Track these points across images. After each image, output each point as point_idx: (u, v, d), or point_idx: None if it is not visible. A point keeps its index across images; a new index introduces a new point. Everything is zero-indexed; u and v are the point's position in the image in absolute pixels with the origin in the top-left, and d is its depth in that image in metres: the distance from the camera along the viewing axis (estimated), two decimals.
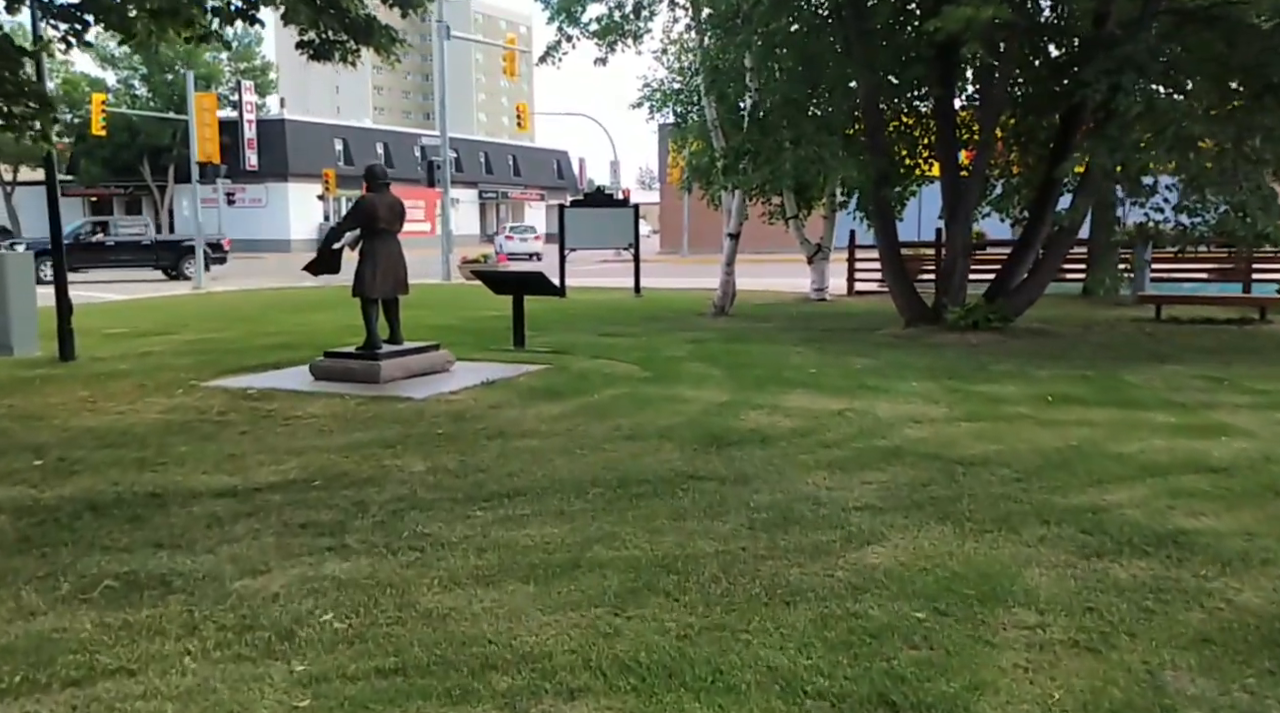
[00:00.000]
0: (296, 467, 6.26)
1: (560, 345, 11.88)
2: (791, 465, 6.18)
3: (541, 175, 75.68)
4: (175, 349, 12.23)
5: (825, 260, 19.91)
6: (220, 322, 16.13)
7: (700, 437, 6.94)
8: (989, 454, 6.37)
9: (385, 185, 9.55)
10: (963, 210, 12.62)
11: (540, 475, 5.99)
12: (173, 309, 19.77)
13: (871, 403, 8.08)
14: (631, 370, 10.00)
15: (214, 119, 25.23)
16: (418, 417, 7.70)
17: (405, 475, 6.04)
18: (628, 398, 8.39)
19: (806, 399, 8.31)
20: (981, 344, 11.73)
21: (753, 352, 11.26)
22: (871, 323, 14.72)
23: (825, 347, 11.70)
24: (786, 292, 22.30)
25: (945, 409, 7.83)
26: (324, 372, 9.31)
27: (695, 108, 19.14)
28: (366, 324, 9.41)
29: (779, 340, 12.49)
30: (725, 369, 9.98)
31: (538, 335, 12.86)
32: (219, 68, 53.45)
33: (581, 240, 21.06)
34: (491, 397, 8.51)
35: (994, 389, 8.71)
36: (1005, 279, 13.11)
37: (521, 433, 7.12)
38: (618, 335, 13.18)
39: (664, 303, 19.58)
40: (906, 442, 6.73)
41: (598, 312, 17.15)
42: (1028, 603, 4.03)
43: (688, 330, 13.93)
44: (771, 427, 7.26)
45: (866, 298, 20.82)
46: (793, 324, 14.91)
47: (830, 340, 12.40)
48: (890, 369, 9.91)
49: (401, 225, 9.67)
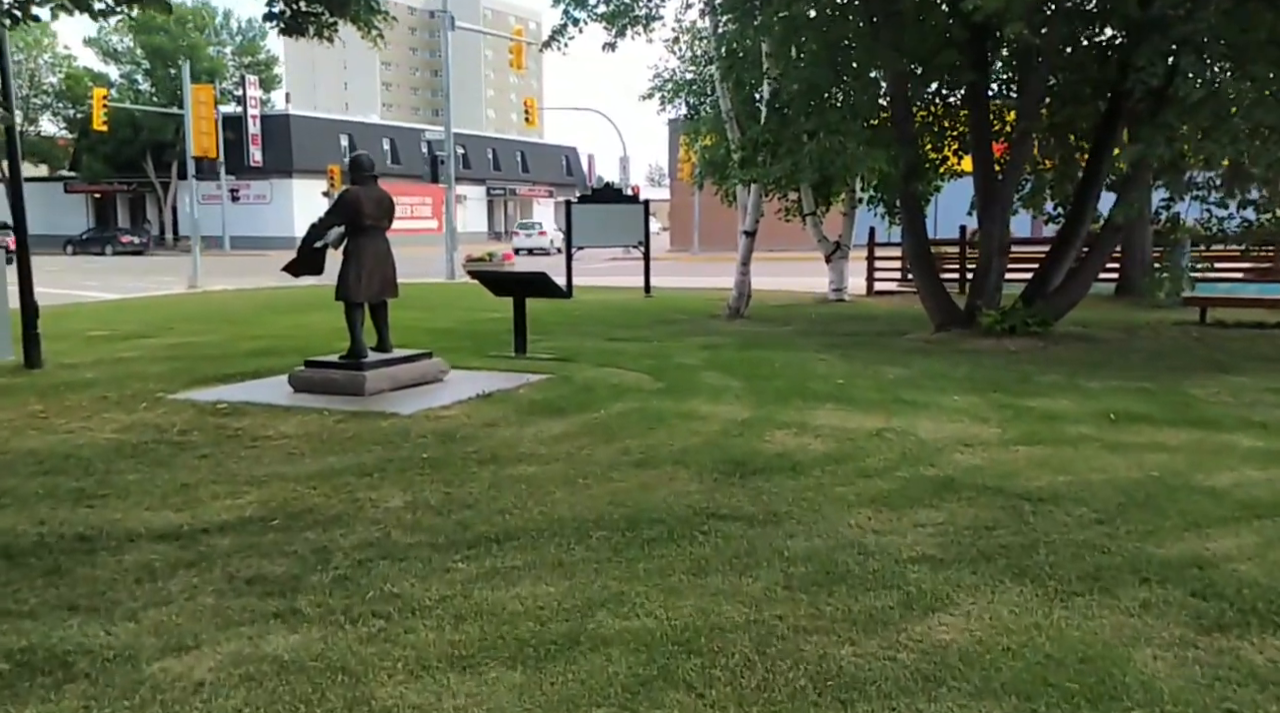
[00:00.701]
0: (256, 501, 5.41)
1: (565, 352, 11.03)
2: (829, 501, 5.31)
3: (550, 172, 74.84)
4: (153, 354, 11.41)
5: (844, 259, 19.02)
6: (208, 323, 15.32)
7: (720, 463, 6.08)
8: (1058, 487, 5.49)
9: (372, 178, 8.70)
10: (998, 206, 11.71)
11: (536, 513, 5.14)
12: (164, 309, 18.98)
13: (912, 421, 7.20)
14: (641, 381, 9.14)
15: (211, 113, 24.47)
16: (402, 437, 6.85)
17: (379, 513, 5.19)
18: (637, 414, 7.53)
19: (838, 416, 7.43)
20: (1021, 351, 10.83)
21: (773, 359, 10.39)
22: (898, 326, 13.82)
23: (851, 354, 10.81)
24: (803, 291, 21.41)
25: (997, 429, 6.94)
26: (304, 383, 8.47)
27: (709, 99, 18.26)
28: (351, 331, 8.56)
29: (800, 346, 11.61)
30: (744, 380, 9.11)
31: (541, 340, 12.01)
32: (222, 62, 52.74)
33: (589, 238, 20.19)
34: (486, 412, 7.66)
35: (1046, 404, 7.81)
36: (1043, 280, 12.21)
37: (517, 457, 6.27)
38: (626, 340, 12.32)
39: (675, 304, 18.71)
40: (959, 470, 5.85)
41: (606, 313, 16.29)
42: (1148, 703, 3.16)
43: (701, 335, 13.06)
44: (801, 450, 6.38)
45: (887, 298, 19.94)
46: (813, 327, 14.02)
47: (856, 346, 11.51)
48: (927, 380, 9.02)
49: (390, 222, 8.83)
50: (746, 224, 15.55)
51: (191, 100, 24.29)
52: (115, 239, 50.90)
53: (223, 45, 54.00)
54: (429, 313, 16.62)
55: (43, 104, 54.28)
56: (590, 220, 19.99)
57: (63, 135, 56.53)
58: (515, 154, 72.78)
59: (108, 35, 50.63)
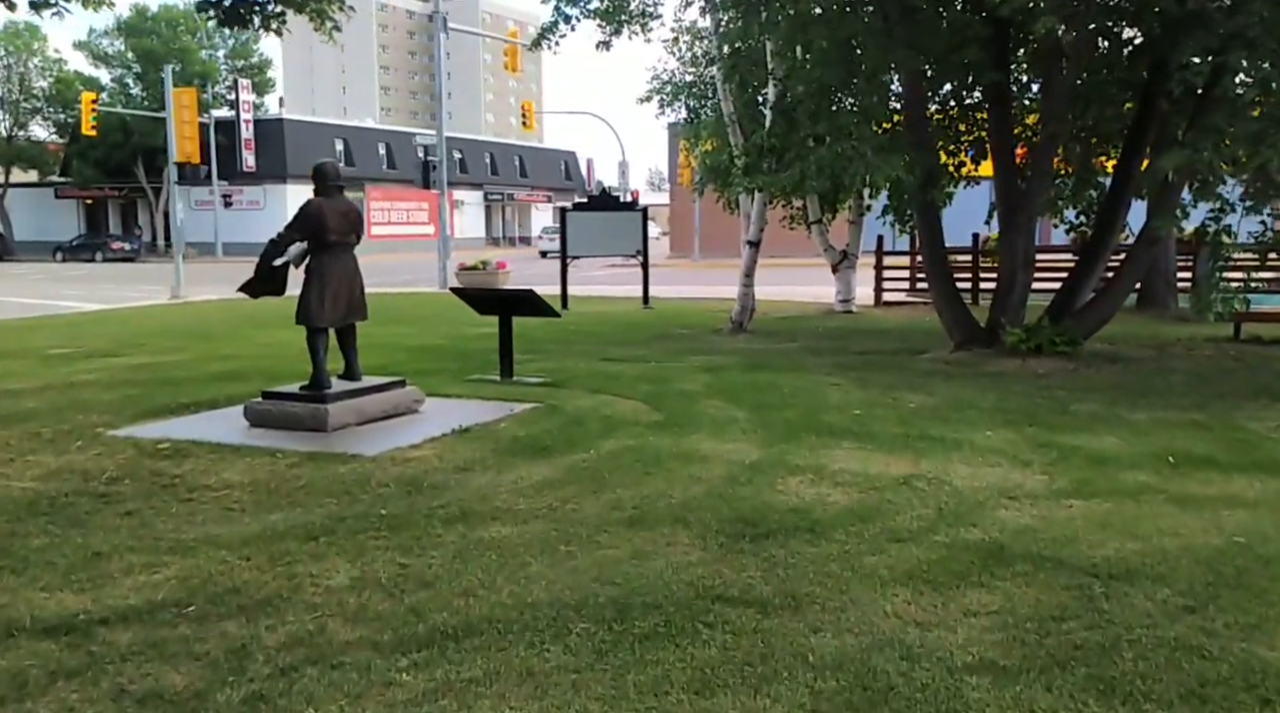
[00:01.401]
0: (175, 577, 4.54)
1: (555, 374, 10.17)
2: (858, 576, 4.44)
3: (549, 176, 74.04)
4: (111, 377, 10.55)
5: (851, 269, 18.17)
6: (181, 339, 14.46)
7: (727, 521, 5.22)
8: (1129, 559, 4.62)
9: (338, 188, 7.84)
10: (1024, 215, 10.85)
11: (506, 595, 4.27)
12: (140, 322, 18.16)
13: (943, 464, 6.34)
14: (638, 411, 8.28)
15: (194, 117, 23.64)
16: (361, 486, 5.99)
17: (319, 594, 4.33)
18: (632, 455, 6.66)
19: (858, 458, 6.57)
20: (1050, 374, 9.97)
21: (781, 384, 9.52)
22: (912, 342, 12.96)
23: (866, 377, 9.95)
24: (808, 302, 20.57)
25: (1042, 476, 6.07)
26: (261, 417, 7.61)
27: (709, 101, 17.42)
28: (313, 358, 7.69)
29: (809, 367, 10.74)
30: (750, 410, 8.24)
31: (531, 360, 11.16)
32: (215, 65, 51.91)
33: (585, 247, 19.34)
34: (461, 453, 6.79)
35: (1091, 443, 6.95)
36: (1070, 295, 11.35)
37: (491, 513, 5.40)
38: (622, 360, 11.46)
39: (675, 316, 17.86)
40: (1008, 534, 4.99)
41: (601, 328, 15.44)
42: None
43: (702, 353, 12.20)
44: (819, 504, 5.52)
45: (896, 310, 19.09)
46: (821, 344, 13.16)
47: (870, 367, 10.64)
48: (953, 410, 8.15)
49: (358, 237, 7.97)
50: (750, 234, 14.70)
51: (174, 104, 23.44)
52: (106, 246, 50.11)
53: (215, 48, 53.17)
54: (417, 328, 15.78)
55: (33, 108, 53.48)
56: (586, 229, 19.14)
57: (53, 140, 55.70)
58: (513, 159, 71.98)
59: (98, 39, 49.79)
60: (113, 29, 49.13)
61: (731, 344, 13.32)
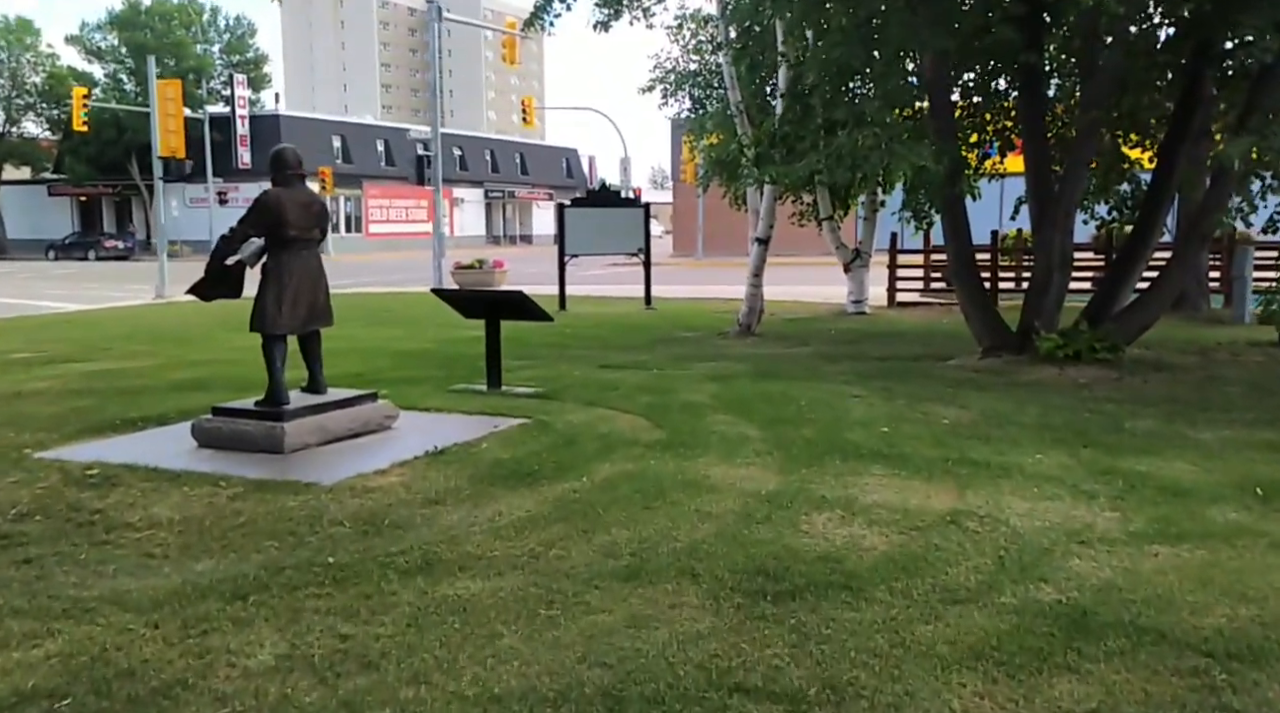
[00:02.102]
0: (59, 653, 3.65)
1: (548, 384, 9.28)
2: (911, 654, 3.54)
3: (550, 174, 73.12)
4: (64, 386, 9.68)
5: (865, 268, 17.25)
6: (152, 343, 13.58)
7: (743, 572, 4.32)
8: (1247, 630, 3.71)
9: (298, 177, 6.95)
10: (1060, 210, 9.93)
11: (468, 682, 3.38)
12: (115, 324, 17.30)
13: (993, 496, 5.43)
14: (637, 428, 7.39)
15: (179, 110, 22.75)
16: (311, 524, 5.09)
17: (233, 678, 3.43)
18: (630, 483, 5.76)
19: (893, 487, 5.67)
20: (1093, 384, 9.06)
21: (796, 395, 8.62)
22: (934, 347, 12.05)
23: (890, 387, 9.04)
24: (818, 302, 19.66)
25: (1112, 513, 5.16)
26: (209, 436, 6.71)
27: (715, 91, 16.52)
28: (269, 370, 6.80)
29: (826, 376, 9.84)
30: (764, 426, 7.34)
31: (523, 367, 10.27)
32: (209, 60, 51.00)
33: (584, 245, 18.43)
34: (433, 480, 5.89)
35: (1159, 468, 6.04)
36: (1108, 297, 10.44)
37: (459, 563, 4.51)
38: (622, 367, 10.56)
39: (679, 317, 16.96)
40: (1088, 592, 4.08)
41: (601, 331, 14.54)
42: None
43: (709, 358, 11.30)
44: (853, 549, 4.62)
45: (911, 311, 18.18)
46: (836, 349, 12.25)
47: (893, 376, 9.73)
48: (992, 427, 7.25)
49: (323, 233, 7.07)
50: (759, 231, 13.79)
51: (158, 96, 22.55)
52: (99, 244, 49.28)
53: (210, 43, 52.28)
54: (405, 330, 14.92)
55: (25, 104, 52.61)
56: (586, 225, 18.23)
57: (46, 137, 54.82)
58: (514, 156, 71.10)
59: (90, 33, 48.90)
60: (105, 23, 48.22)
61: (739, 349, 12.42)
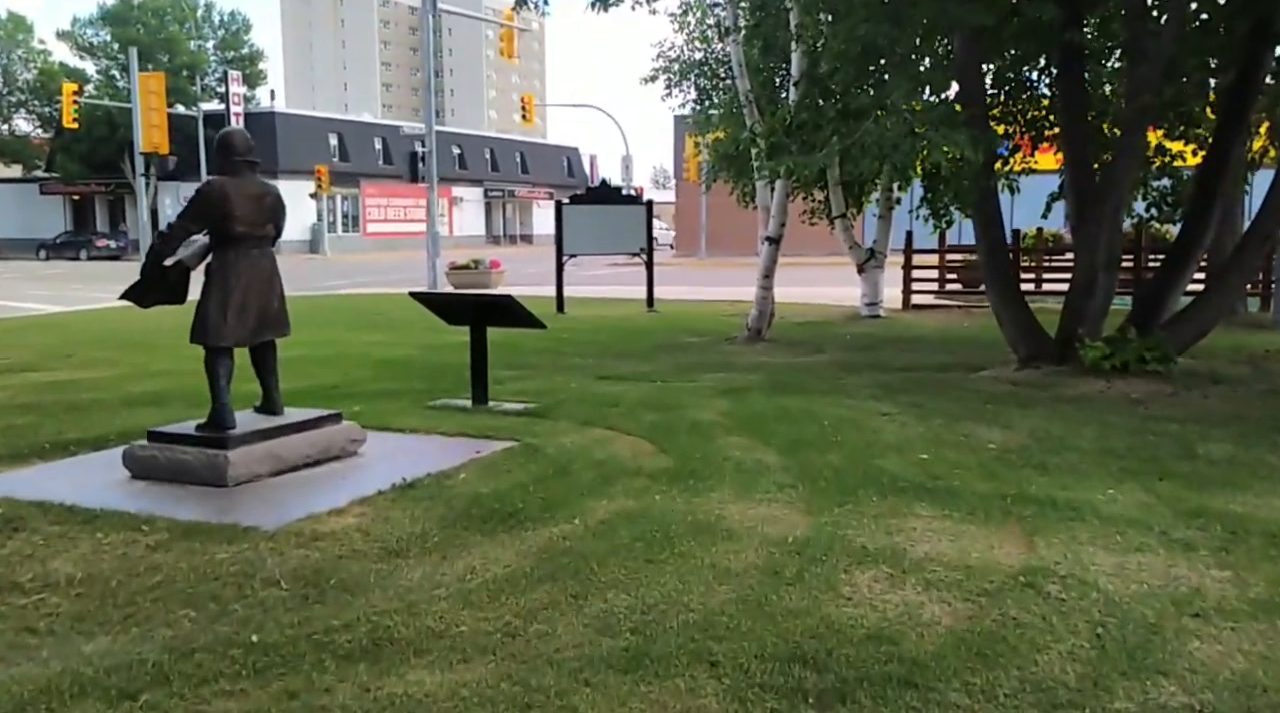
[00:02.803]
0: None
1: (540, 397, 8.36)
2: None
3: (551, 173, 72.16)
4: (7, 400, 8.77)
5: (880, 269, 16.31)
6: (117, 350, 12.64)
7: (775, 658, 3.40)
8: None
9: (248, 165, 6.02)
10: (1107, 204, 8.98)
11: None
12: (83, 328, 16.42)
13: (1070, 548, 4.50)
14: (639, 452, 6.46)
15: (161, 104, 21.82)
16: (240, 587, 4.16)
17: None
18: (631, 527, 4.84)
19: (945, 531, 4.74)
20: (1147, 400, 8.12)
21: (817, 412, 7.68)
22: (960, 355, 11.12)
23: (920, 402, 8.10)
24: (829, 305, 18.71)
25: (1222, 571, 4.23)
26: (144, 466, 5.79)
27: (723, 81, 15.60)
28: (212, 388, 5.88)
29: (848, 388, 8.90)
30: (785, 451, 6.42)
31: (514, 378, 9.36)
32: (204, 56, 50.07)
33: (583, 245, 17.48)
34: (397, 523, 4.96)
35: (1257, 507, 5.10)
36: (1156, 302, 9.51)
37: (415, 644, 3.57)
38: (623, 378, 9.63)
39: (683, 320, 16.03)
40: (1224, 691, 3.15)
41: (600, 337, 13.61)
42: None
43: (717, 368, 10.36)
44: (911, 624, 3.69)
45: (927, 314, 17.25)
46: (855, 356, 11.31)
47: (921, 388, 8.80)
48: (1046, 452, 6.31)
49: (277, 230, 6.16)
50: (769, 229, 12.85)
51: (139, 89, 21.63)
52: (90, 243, 48.40)
53: (204, 39, 51.36)
54: (391, 335, 13.99)
55: (17, 101, 51.72)
56: (584, 224, 17.29)
57: (38, 135, 53.91)
58: (514, 154, 70.17)
59: (82, 28, 48.00)
60: (96, 18, 47.33)
61: (750, 356, 11.48)
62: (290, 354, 12.31)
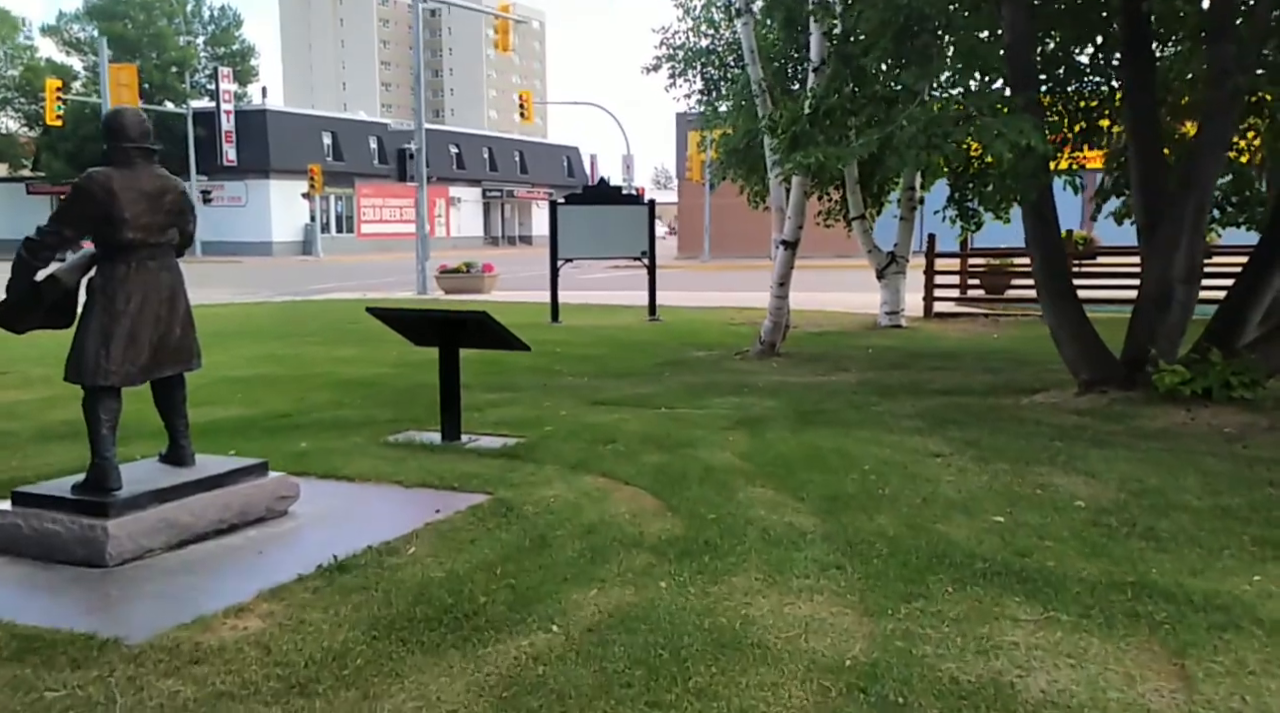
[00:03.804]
0: None
1: (524, 428, 7.09)
2: None
3: (550, 172, 70.86)
4: None
5: (901, 275, 15.02)
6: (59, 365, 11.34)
7: None
8: None
9: (142, 154, 4.73)
10: (1191, 203, 7.68)
11: None
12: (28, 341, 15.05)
13: (1236, 679, 3.23)
14: (642, 511, 5.18)
15: (134, 98, 20.52)
16: None
17: None
18: (629, 638, 3.56)
19: (1058, 647, 3.46)
20: (1244, 435, 6.83)
21: (854, 453, 6.40)
22: (1005, 374, 9.84)
23: (974, 436, 6.81)
24: (842, 312, 17.42)
25: None
26: (3, 538, 4.51)
27: (731, 70, 14.32)
28: (91, 438, 4.63)
29: (885, 419, 7.60)
30: (822, 510, 5.14)
31: (494, 404, 8.09)
32: (193, 52, 48.75)
33: (580, 248, 16.19)
34: (312, 633, 3.68)
35: None
36: (1238, 317, 8.21)
37: None
38: (622, 403, 8.35)
39: (688, 330, 14.74)
40: None
41: (598, 349, 12.32)
42: None
43: (730, 390, 9.07)
44: None
45: (951, 323, 15.93)
46: (885, 376, 10.02)
47: (972, 419, 7.50)
48: (1150, 513, 5.02)
49: (185, 237, 4.91)
50: (785, 232, 11.56)
51: (109, 83, 20.35)
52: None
53: (193, 35, 50.05)
54: (364, 348, 12.68)
55: (2, 99, 50.41)
56: (582, 226, 16.00)
57: (24, 133, 52.59)
58: (513, 154, 68.89)
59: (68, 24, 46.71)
60: (82, 13, 46.03)
61: (765, 375, 10.19)
62: (245, 372, 10.93)
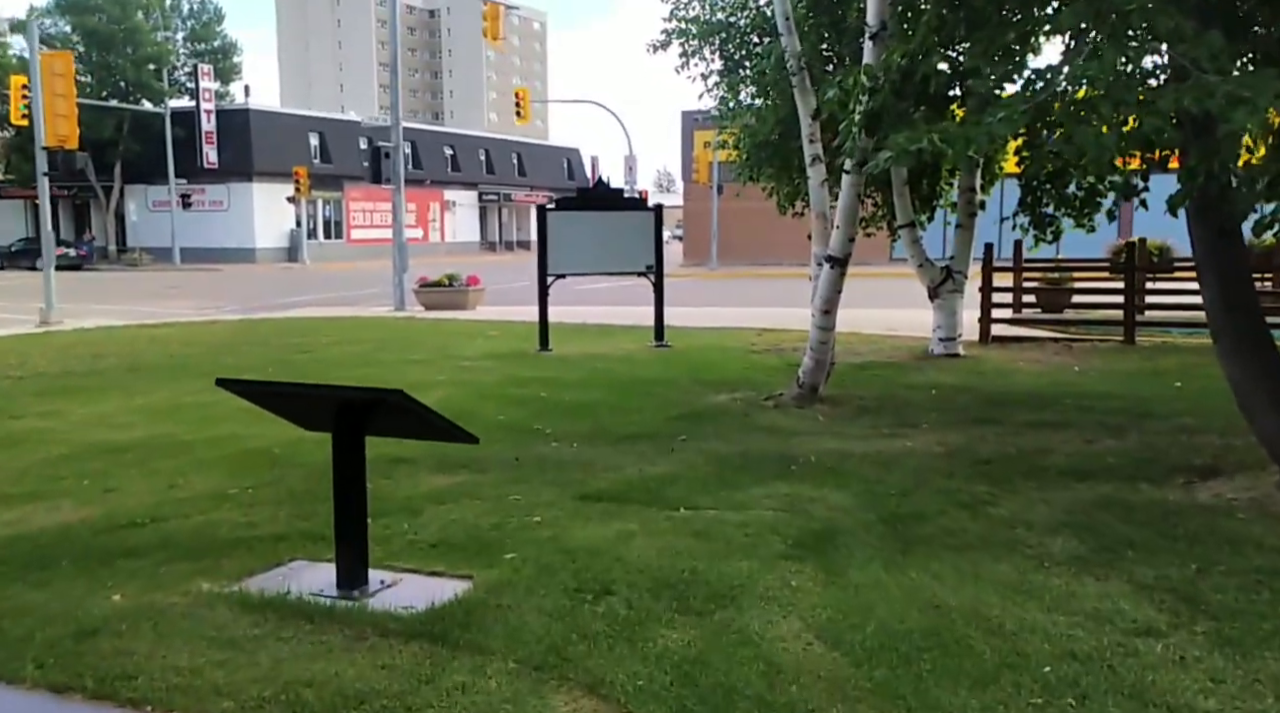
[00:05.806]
0: None
1: (473, 549, 4.60)
2: None
3: (550, 175, 68.30)
4: None
5: (958, 293, 12.51)
6: None
7: None
8: None
9: None
10: None
11: None
12: None
13: None
14: None
15: (70, 89, 18.06)
16: None
17: None
18: None
19: None
20: None
21: (1004, 623, 3.91)
22: (1135, 435, 7.32)
23: (1179, 578, 4.32)
24: (885, 334, 14.86)
25: None
26: None
27: (756, 46, 11.84)
28: None
29: (1015, 531, 5.09)
30: None
31: (440, 496, 5.59)
32: (168, 48, 46.29)
33: (573, 262, 13.64)
34: None
35: None
36: None
37: None
38: (623, 496, 5.84)
39: (702, 362, 12.21)
40: None
41: (591, 393, 9.78)
42: None
43: (772, 469, 6.55)
44: None
45: (1016, 350, 13.33)
46: (971, 437, 7.47)
47: (1153, 538, 4.98)
48: None
49: None
50: (832, 245, 9.02)
51: (41, 70, 17.90)
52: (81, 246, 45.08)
53: (172, 30, 47.62)
54: None
55: None
56: (576, 235, 13.47)
57: None
58: (511, 156, 66.37)
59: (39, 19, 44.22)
60: (53, 8, 43.63)
61: (814, 437, 7.66)
62: (126, 435, 7.83)
